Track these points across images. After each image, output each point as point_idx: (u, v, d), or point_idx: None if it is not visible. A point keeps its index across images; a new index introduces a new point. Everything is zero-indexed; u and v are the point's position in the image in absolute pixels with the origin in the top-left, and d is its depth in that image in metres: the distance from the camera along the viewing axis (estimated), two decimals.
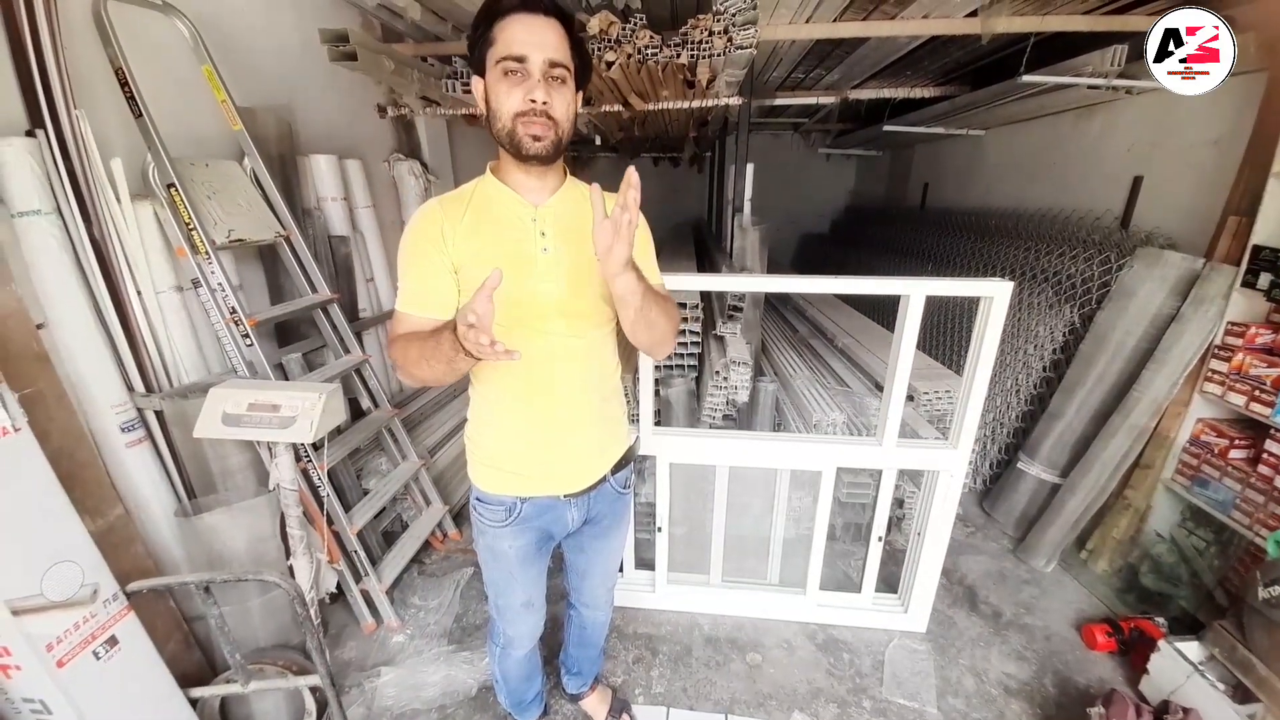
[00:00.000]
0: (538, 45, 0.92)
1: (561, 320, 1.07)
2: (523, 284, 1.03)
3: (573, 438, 1.18)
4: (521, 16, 0.93)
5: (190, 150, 1.89)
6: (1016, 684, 1.90)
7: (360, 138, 2.93)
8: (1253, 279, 1.95)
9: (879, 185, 6.58)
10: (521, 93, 0.93)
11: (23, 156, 1.43)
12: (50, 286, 1.51)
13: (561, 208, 1.08)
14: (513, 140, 0.97)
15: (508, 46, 0.92)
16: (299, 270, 2.14)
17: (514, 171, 1.05)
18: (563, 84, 0.96)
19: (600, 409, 1.20)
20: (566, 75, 0.96)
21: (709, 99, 2.85)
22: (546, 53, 0.93)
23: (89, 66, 1.61)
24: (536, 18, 0.93)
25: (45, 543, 1.20)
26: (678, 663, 1.98)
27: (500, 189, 1.06)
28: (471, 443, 1.23)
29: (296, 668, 1.66)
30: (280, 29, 2.37)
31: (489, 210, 1.05)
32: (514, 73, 0.93)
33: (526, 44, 0.92)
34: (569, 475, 1.21)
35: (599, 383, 1.18)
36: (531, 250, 1.05)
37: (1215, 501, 2.02)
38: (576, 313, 1.08)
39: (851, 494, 2.30)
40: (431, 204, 1.06)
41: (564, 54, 0.95)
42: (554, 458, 1.18)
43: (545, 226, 1.06)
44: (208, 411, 1.56)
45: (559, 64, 0.94)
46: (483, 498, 1.22)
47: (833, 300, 4.02)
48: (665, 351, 1.16)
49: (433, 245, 1.02)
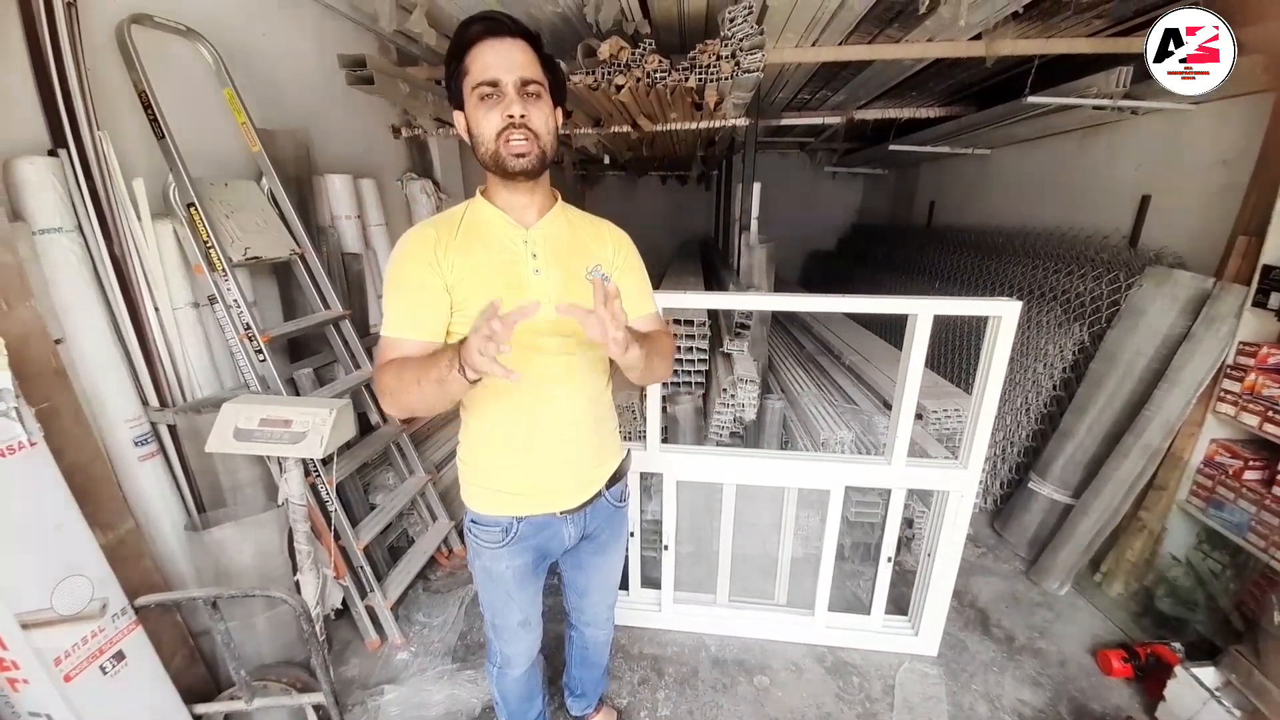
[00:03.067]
0: (508, 67, 0.95)
1: (554, 339, 1.08)
2: (517, 302, 1.04)
3: (567, 454, 1.18)
4: (489, 43, 0.96)
5: (210, 170, 1.93)
6: (1031, 711, 1.86)
7: (375, 158, 2.99)
8: (1263, 299, 1.94)
9: (885, 203, 6.62)
10: (499, 112, 0.96)
11: (45, 175, 1.47)
12: (69, 302, 1.54)
13: (552, 229, 1.10)
14: (497, 160, 0.99)
15: (480, 73, 0.95)
16: (312, 287, 2.17)
17: (502, 192, 1.07)
18: (538, 99, 0.99)
19: (594, 425, 1.20)
20: (541, 90, 0.99)
21: (716, 120, 2.89)
22: (517, 72, 0.96)
23: (113, 88, 1.66)
24: (503, 40, 0.96)
25: (57, 557, 1.21)
26: (684, 685, 1.95)
27: (491, 211, 1.07)
28: (465, 465, 1.22)
29: (300, 685, 1.66)
30: (300, 54, 2.44)
31: (480, 232, 1.06)
32: (489, 96, 0.96)
33: (497, 67, 0.95)
34: (564, 491, 1.21)
35: (591, 400, 1.19)
36: (523, 271, 1.06)
37: (1230, 524, 1.99)
38: (567, 334, 1.09)
39: (860, 513, 2.28)
40: (422, 226, 1.07)
41: (535, 71, 0.98)
42: (549, 475, 1.18)
43: (536, 248, 1.07)
44: (220, 426, 1.57)
45: (531, 80, 0.97)
46: (478, 519, 1.21)
47: (840, 318, 4.02)
48: (663, 379, 1.22)
49: (426, 266, 1.02)
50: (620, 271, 1.17)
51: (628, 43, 2.32)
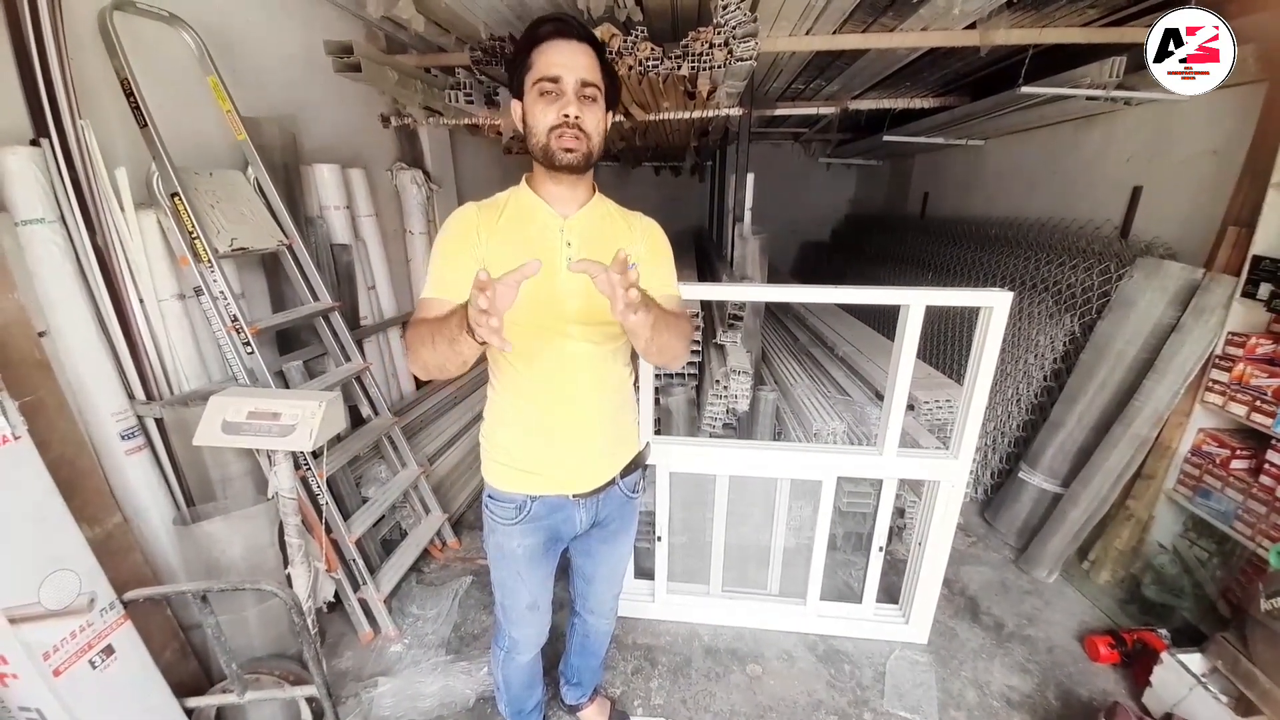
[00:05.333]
0: (571, 67, 1.00)
1: (579, 329, 1.12)
2: (546, 291, 1.08)
3: (584, 439, 1.21)
4: (557, 43, 1.01)
5: (194, 159, 1.90)
6: (1019, 696, 1.88)
7: (363, 147, 2.96)
8: (1253, 289, 1.95)
9: (879, 194, 6.61)
10: (556, 109, 1.01)
11: (27, 165, 1.45)
12: (53, 294, 1.51)
13: (587, 221, 1.14)
14: (547, 153, 1.04)
15: (544, 69, 1.00)
16: (301, 278, 2.15)
17: (546, 182, 1.11)
18: (594, 102, 1.04)
19: (613, 414, 1.24)
20: (598, 94, 1.04)
21: (710, 110, 2.87)
22: (579, 74, 1.01)
23: (94, 76, 1.63)
24: (571, 43, 1.01)
25: (43, 550, 1.20)
26: (677, 674, 1.97)
27: (533, 199, 1.12)
28: (486, 440, 1.27)
29: (293, 678, 1.65)
30: (285, 41, 2.40)
31: (520, 218, 1.12)
32: (549, 93, 1.01)
33: (561, 66, 1.00)
34: (578, 475, 1.24)
35: (612, 389, 1.22)
36: (556, 260, 1.09)
37: (1217, 512, 2.01)
38: (595, 323, 1.12)
39: (852, 503, 2.29)
40: (469, 207, 1.13)
41: (595, 75, 1.03)
42: (564, 458, 1.21)
43: (571, 237, 1.11)
44: (208, 419, 1.56)
45: (590, 84, 1.02)
46: (494, 495, 1.25)
47: (833, 309, 4.02)
48: (678, 364, 1.21)
49: (466, 242, 1.08)
50: (647, 259, 1.19)
51: (619, 30, 2.29)
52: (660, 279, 1.19)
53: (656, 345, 1.02)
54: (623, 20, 2.45)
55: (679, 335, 1.11)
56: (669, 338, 1.05)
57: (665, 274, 1.21)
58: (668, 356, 1.11)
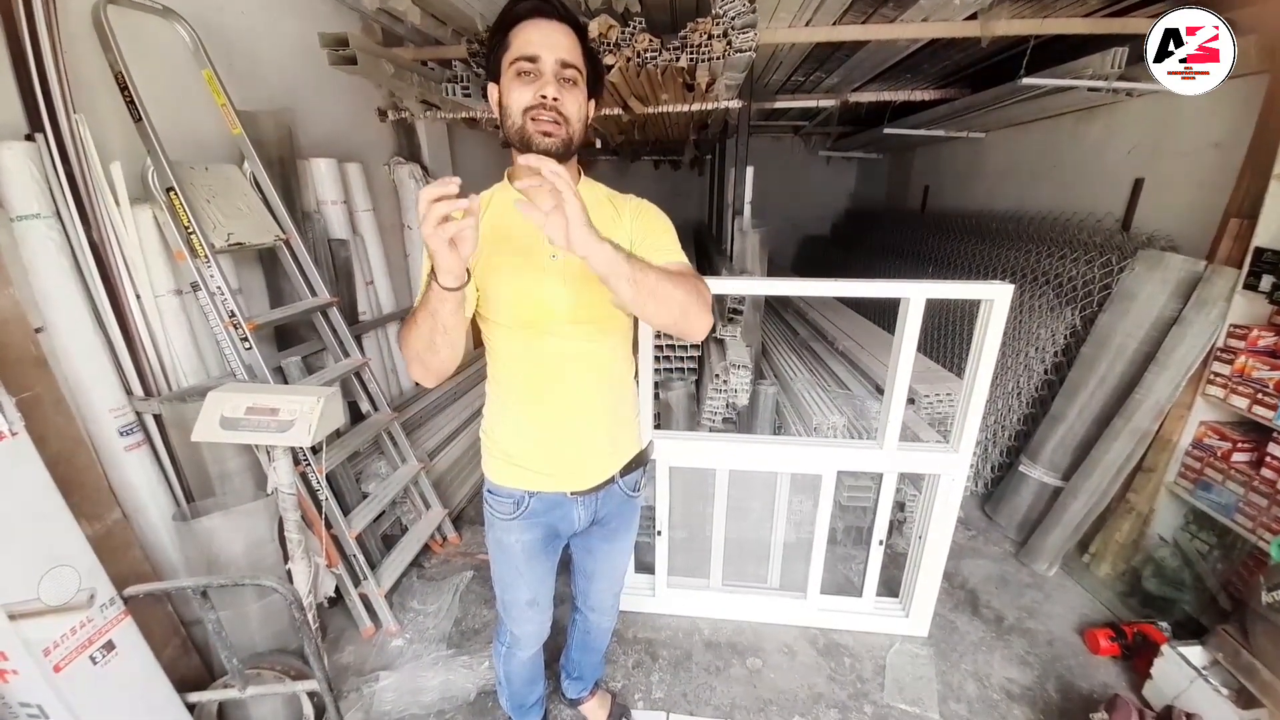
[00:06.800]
0: (549, 46, 0.95)
1: (571, 325, 1.09)
2: (533, 288, 1.05)
3: (581, 437, 1.19)
4: (536, 21, 0.96)
5: (190, 154, 1.89)
6: (1019, 689, 1.88)
7: (360, 141, 2.94)
8: (1255, 281, 1.95)
9: (879, 188, 6.58)
10: (533, 90, 0.95)
11: (22, 160, 1.43)
12: (49, 290, 1.51)
13: None
14: (523, 137, 0.97)
15: (522, 48, 0.95)
16: (298, 273, 2.14)
17: (526, 174, 1.03)
18: (574, 85, 0.98)
19: (611, 411, 1.21)
20: (578, 77, 0.98)
21: (709, 102, 2.85)
22: (558, 53, 0.95)
23: (89, 71, 1.61)
24: (550, 22, 0.96)
25: (42, 547, 1.20)
26: (678, 667, 1.97)
27: (515, 194, 1.07)
28: (486, 435, 1.25)
29: (294, 673, 1.66)
30: (281, 33, 2.38)
31: (503, 215, 1.07)
32: (527, 73, 0.95)
33: (540, 45, 0.95)
34: (576, 473, 1.22)
35: (609, 385, 1.19)
36: (541, 256, 1.06)
37: (1218, 505, 2.01)
38: (586, 318, 1.09)
39: (852, 497, 2.29)
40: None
41: (575, 56, 0.98)
42: (561, 455, 1.19)
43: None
44: (206, 415, 1.55)
45: (571, 65, 0.97)
46: (494, 489, 1.24)
47: (833, 303, 4.01)
48: (698, 327, 1.02)
49: None
50: (640, 235, 1.11)
51: (617, 21, 2.27)
52: (661, 248, 1.09)
53: (646, 292, 0.90)
54: (621, 11, 2.43)
55: (689, 292, 0.97)
56: (669, 288, 0.93)
57: (666, 242, 1.12)
58: (673, 310, 0.96)
